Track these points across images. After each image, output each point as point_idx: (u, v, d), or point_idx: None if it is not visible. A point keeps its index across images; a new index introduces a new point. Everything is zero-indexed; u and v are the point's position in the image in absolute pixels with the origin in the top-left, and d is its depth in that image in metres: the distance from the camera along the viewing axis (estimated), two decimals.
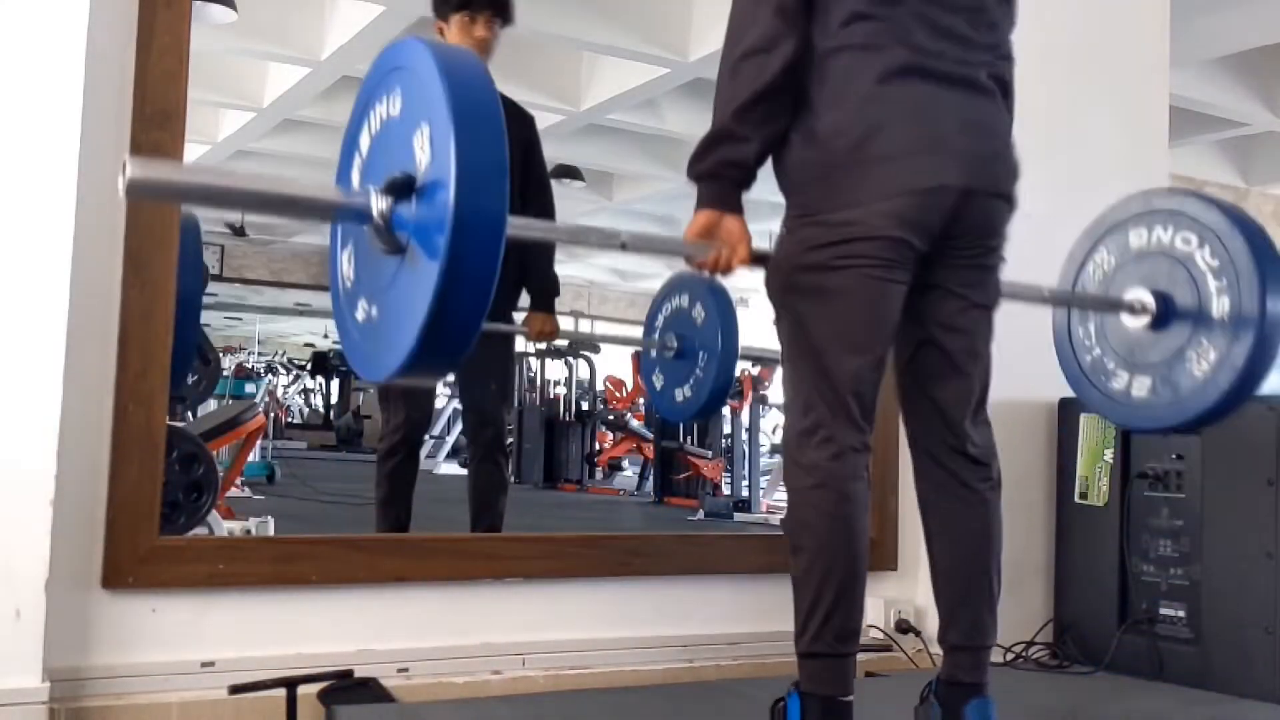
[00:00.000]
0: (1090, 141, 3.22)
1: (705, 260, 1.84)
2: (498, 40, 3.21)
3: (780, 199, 1.90)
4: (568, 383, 10.70)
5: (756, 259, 1.85)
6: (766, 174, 1.86)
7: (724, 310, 3.16)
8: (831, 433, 1.79)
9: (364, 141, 1.55)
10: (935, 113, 1.81)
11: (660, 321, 3.34)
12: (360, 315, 1.50)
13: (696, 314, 3.21)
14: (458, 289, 1.32)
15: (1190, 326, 2.04)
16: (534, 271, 3.32)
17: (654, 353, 3.35)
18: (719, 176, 1.82)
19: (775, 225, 1.94)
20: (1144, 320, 2.11)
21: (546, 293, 3.36)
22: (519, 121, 3.26)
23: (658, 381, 3.33)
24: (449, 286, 1.31)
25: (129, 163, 1.30)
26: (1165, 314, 2.08)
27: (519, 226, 1.39)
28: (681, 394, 3.24)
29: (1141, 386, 2.13)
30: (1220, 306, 2.00)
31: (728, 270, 1.85)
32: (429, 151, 1.36)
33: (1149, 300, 2.09)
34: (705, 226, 1.82)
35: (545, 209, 3.32)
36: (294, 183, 1.53)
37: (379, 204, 1.41)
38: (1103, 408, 2.25)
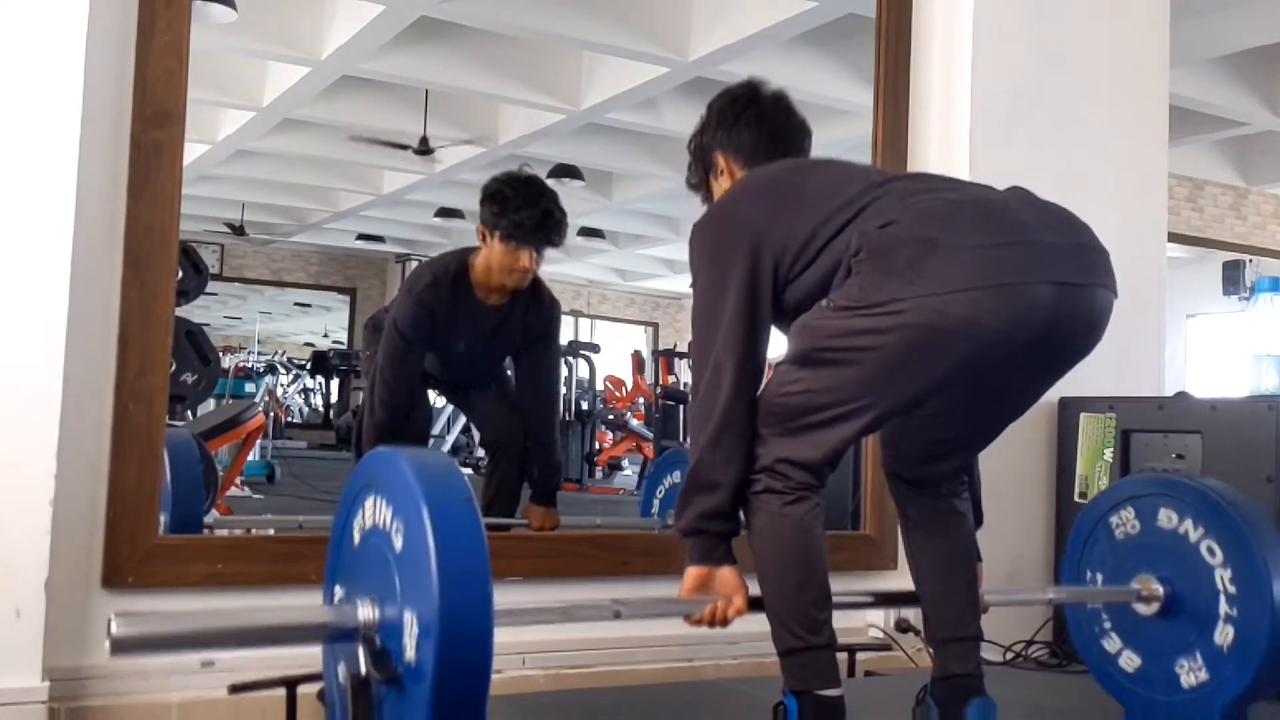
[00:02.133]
0: (1090, 141, 3.22)
1: (703, 616, 1.85)
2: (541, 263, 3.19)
3: None
4: (567, 382, 10.69)
5: (754, 605, 1.84)
6: None
7: None
8: (792, 472, 1.78)
9: (349, 551, 1.53)
10: (1014, 213, 1.73)
11: (657, 500, 3.41)
12: None
13: None
14: (450, 705, 1.30)
15: (1192, 636, 2.03)
16: (538, 461, 3.34)
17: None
18: (702, 532, 1.82)
19: None
20: (1148, 608, 2.09)
21: (549, 487, 3.35)
22: (546, 305, 3.32)
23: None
24: (441, 702, 1.29)
25: (114, 621, 1.29)
26: (1170, 612, 2.05)
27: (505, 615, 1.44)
28: None
29: (1130, 662, 2.13)
30: (1224, 635, 1.98)
31: (726, 622, 1.86)
32: (405, 537, 1.34)
33: (1158, 592, 2.06)
34: (699, 581, 1.83)
35: (551, 390, 3.39)
36: (280, 610, 1.56)
37: (366, 614, 1.40)
38: (1089, 656, 2.23)
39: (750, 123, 2.08)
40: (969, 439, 1.95)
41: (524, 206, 3.06)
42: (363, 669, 1.40)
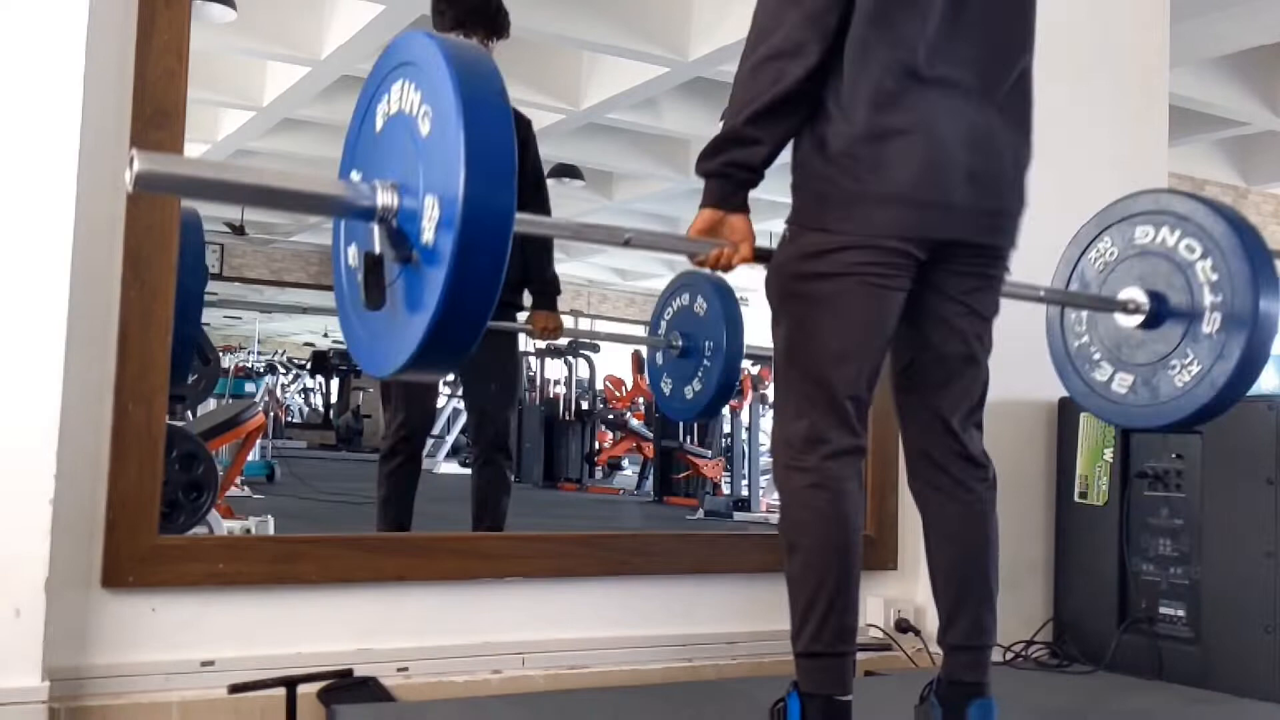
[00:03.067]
0: (1090, 141, 3.22)
1: (708, 257, 1.84)
2: (491, 55, 3.21)
3: (778, 198, 1.91)
4: (567, 382, 10.70)
5: (760, 257, 1.85)
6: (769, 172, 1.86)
7: (728, 305, 3.17)
8: (826, 434, 1.79)
9: (369, 137, 1.54)
10: (942, 131, 1.80)
11: (664, 321, 3.35)
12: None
13: (700, 309, 3.22)
14: (465, 286, 1.32)
15: (1179, 334, 2.05)
16: (535, 271, 3.33)
17: (659, 354, 3.36)
18: (726, 175, 1.82)
19: (774, 225, 1.94)
20: (1135, 320, 2.12)
21: (548, 291, 3.37)
22: (515, 123, 3.27)
23: (665, 381, 3.34)
24: (457, 283, 1.31)
25: (136, 156, 1.30)
26: (1157, 317, 2.09)
27: (525, 223, 1.40)
28: (690, 390, 3.25)
29: (1123, 383, 2.15)
30: (1212, 322, 2.01)
31: (730, 267, 1.86)
32: (434, 123, 1.35)
33: (1143, 300, 2.10)
34: (710, 223, 1.83)
35: (542, 209, 3.33)
36: (300, 177, 1.52)
37: (386, 199, 1.41)
38: (1081, 396, 2.27)
39: None
40: (938, 374, 1.93)
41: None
42: (377, 248, 1.41)
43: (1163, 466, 2.75)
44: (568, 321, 11.81)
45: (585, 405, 10.23)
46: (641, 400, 9.43)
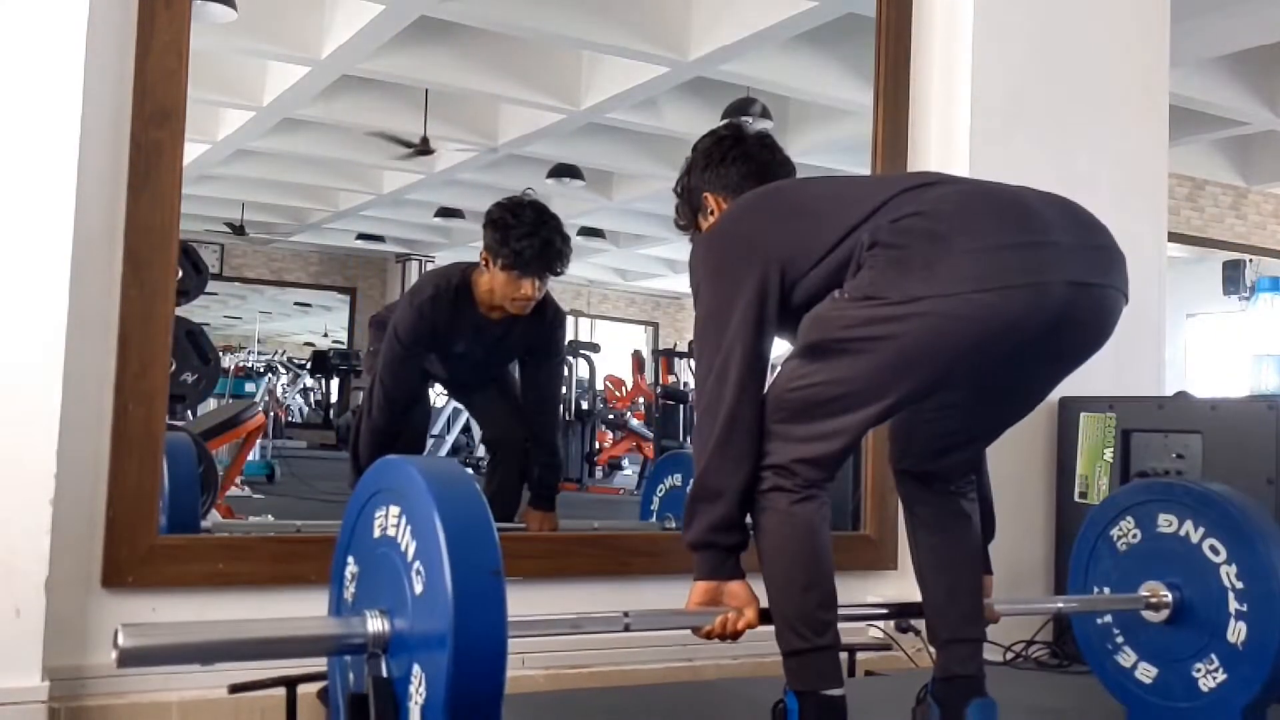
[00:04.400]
0: (1090, 141, 3.22)
1: (714, 627, 1.84)
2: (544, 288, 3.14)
3: None
4: (567, 382, 10.69)
5: (765, 618, 1.84)
6: None
7: None
8: (800, 469, 1.77)
9: (358, 553, 1.52)
10: (1007, 193, 1.77)
11: (657, 499, 3.41)
12: None
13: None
14: (465, 697, 1.29)
15: (1204, 637, 2.02)
16: (539, 463, 3.32)
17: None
18: (711, 546, 1.82)
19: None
20: (1158, 615, 2.08)
21: (549, 489, 3.34)
22: (552, 317, 3.30)
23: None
24: (456, 697, 1.28)
25: (121, 631, 1.28)
26: (1180, 617, 2.05)
27: (521, 627, 1.45)
28: None
29: (1146, 674, 2.12)
30: (1237, 633, 1.98)
31: (737, 635, 1.85)
32: (426, 586, 1.33)
33: (1165, 597, 2.06)
34: (708, 596, 1.84)
35: (553, 397, 3.39)
36: (287, 624, 1.53)
37: (376, 627, 1.39)
38: (1104, 673, 2.22)
39: (736, 160, 2.11)
40: (975, 433, 1.95)
41: (525, 236, 3.01)
42: (365, 687, 1.39)
43: (1163, 466, 2.75)
44: (567, 321, 11.79)
45: (585, 405, 10.22)
46: (642, 400, 9.43)
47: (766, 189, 1.97)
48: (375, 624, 1.39)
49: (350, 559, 1.54)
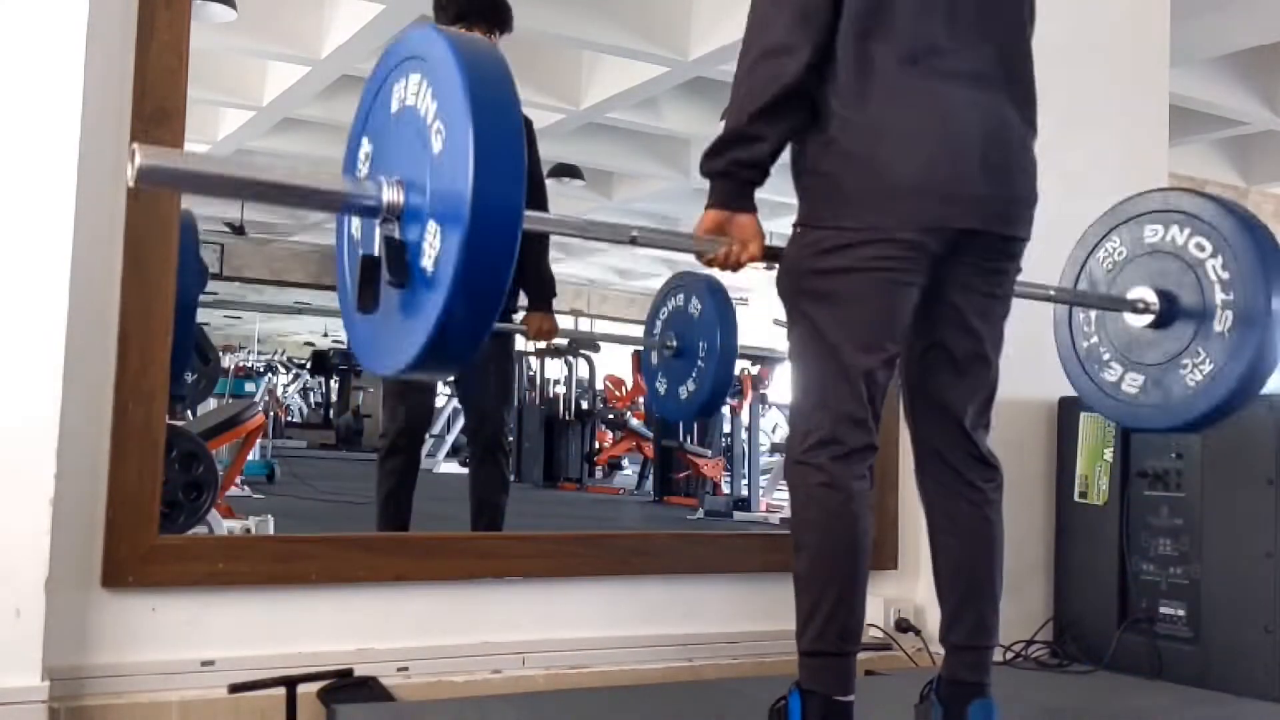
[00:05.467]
0: (1090, 141, 3.22)
1: (716, 256, 1.84)
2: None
3: (782, 199, 1.90)
4: (567, 382, 10.69)
5: (768, 255, 1.85)
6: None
7: (722, 306, 3.17)
8: (839, 434, 1.78)
9: (373, 132, 1.52)
10: (954, 120, 1.80)
11: (659, 323, 3.36)
12: None
13: (694, 311, 3.22)
14: (463, 311, 1.31)
15: (1190, 333, 2.04)
16: (530, 271, 3.33)
17: (654, 355, 3.36)
18: (731, 175, 1.82)
19: (776, 224, 1.94)
20: (1145, 319, 2.10)
21: (543, 292, 3.36)
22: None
23: (660, 382, 3.35)
24: (464, 279, 1.29)
25: (138, 150, 1.30)
26: (1167, 316, 2.07)
27: (530, 220, 1.39)
28: (684, 391, 3.25)
29: (1133, 384, 2.13)
30: (1223, 320, 1.99)
31: (739, 266, 1.85)
32: (446, 144, 1.33)
33: (1153, 300, 2.08)
34: (716, 223, 1.83)
35: (540, 209, 3.31)
36: (302, 173, 1.51)
37: (391, 196, 1.40)
38: (1091, 397, 2.25)
39: None
40: (952, 369, 1.93)
41: None
42: (376, 250, 1.41)
43: (1163, 466, 2.75)
44: (568, 322, 11.77)
45: (585, 405, 10.22)
46: (641, 400, 9.43)
47: None
48: (390, 192, 1.40)
49: (365, 139, 1.52)
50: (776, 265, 1.88)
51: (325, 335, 14.93)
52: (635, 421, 9.41)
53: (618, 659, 2.61)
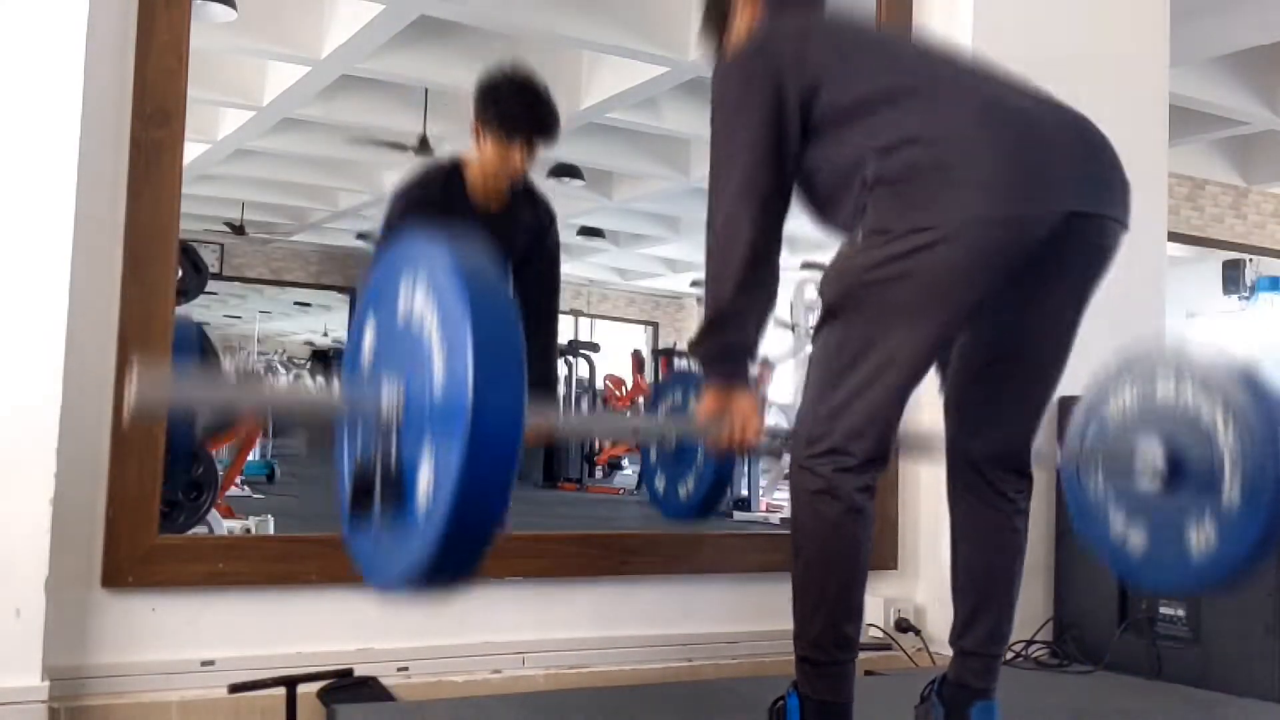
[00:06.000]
0: None
1: (721, 438, 1.84)
2: (537, 160, 2.99)
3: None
4: (567, 381, 10.70)
5: (770, 433, 1.85)
6: None
7: None
8: (852, 448, 1.74)
9: (377, 329, 1.50)
10: (1026, 121, 1.77)
11: (661, 415, 3.34)
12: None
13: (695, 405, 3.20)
14: (468, 509, 1.26)
15: (1196, 501, 1.99)
16: (533, 367, 3.23)
17: (653, 450, 3.33)
18: (723, 358, 1.83)
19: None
20: (1152, 480, 2.07)
21: (543, 392, 3.28)
22: (543, 216, 3.14)
23: (659, 478, 3.32)
24: (459, 504, 1.25)
25: (137, 376, 1.27)
26: (1174, 479, 2.04)
27: (536, 417, 1.41)
28: (683, 490, 3.18)
29: (1136, 539, 2.11)
30: (1230, 494, 1.96)
31: (742, 444, 1.85)
32: (445, 365, 1.31)
33: (1159, 461, 2.04)
34: (717, 405, 1.83)
35: (552, 291, 3.22)
36: (304, 390, 1.51)
37: (389, 406, 1.37)
38: (1094, 543, 2.22)
39: None
40: (1011, 387, 1.91)
41: (513, 94, 2.89)
42: (373, 464, 1.39)
43: None
44: (567, 321, 11.74)
45: (585, 405, 10.22)
46: (642, 400, 9.43)
47: (800, 22, 1.90)
48: (389, 395, 1.38)
49: (369, 327, 1.52)
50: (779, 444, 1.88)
51: (325, 335, 14.93)
52: None
53: (617, 659, 2.61)
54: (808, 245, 2.95)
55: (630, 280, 14.03)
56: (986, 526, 1.92)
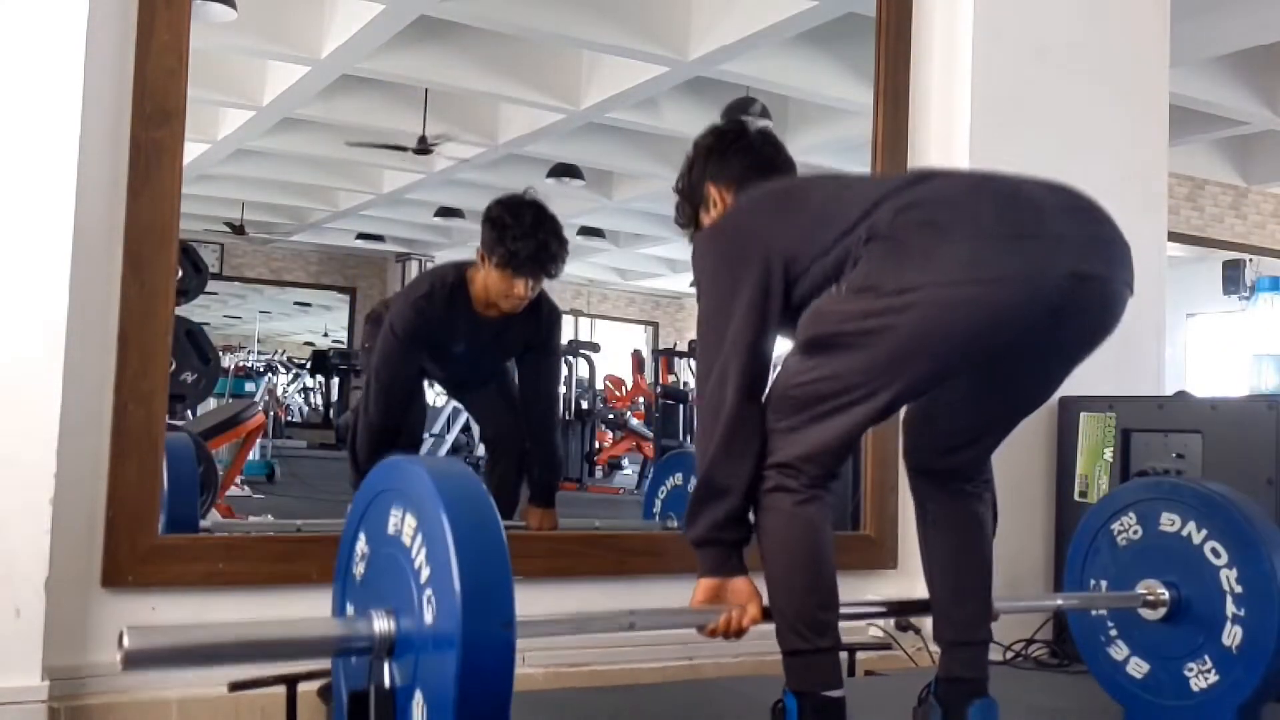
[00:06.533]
0: (1090, 141, 3.22)
1: (717, 625, 1.84)
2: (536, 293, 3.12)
3: None
4: (567, 381, 10.69)
5: (769, 616, 1.84)
6: None
7: None
8: (802, 466, 1.77)
9: (368, 548, 1.52)
10: (1002, 185, 1.76)
11: (659, 500, 3.36)
12: None
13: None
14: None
15: (1199, 639, 2.01)
16: (538, 461, 3.32)
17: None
18: (715, 542, 1.83)
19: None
20: (1154, 613, 2.08)
21: (548, 487, 3.33)
22: (547, 315, 3.28)
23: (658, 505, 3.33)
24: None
25: (126, 634, 1.27)
26: (1176, 615, 2.04)
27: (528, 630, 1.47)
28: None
29: (1138, 669, 2.12)
30: (1232, 637, 1.97)
31: (740, 633, 1.85)
32: (436, 601, 1.34)
33: (1163, 595, 2.04)
34: (711, 593, 1.84)
35: (551, 395, 3.38)
36: (294, 624, 1.54)
37: (381, 632, 1.38)
38: (1097, 667, 2.22)
39: (739, 152, 2.10)
40: (984, 428, 1.93)
41: (521, 237, 2.99)
42: (366, 686, 1.39)
43: (1163, 466, 2.75)
44: (567, 321, 11.74)
45: (585, 405, 10.22)
46: (641, 400, 9.43)
47: (770, 186, 1.97)
48: (381, 625, 1.39)
49: (357, 553, 1.53)
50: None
51: (325, 335, 14.92)
52: (635, 421, 9.41)
53: (618, 658, 2.61)
54: None
55: (630, 280, 14.02)
56: (949, 514, 1.95)
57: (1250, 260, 8.17)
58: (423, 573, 1.35)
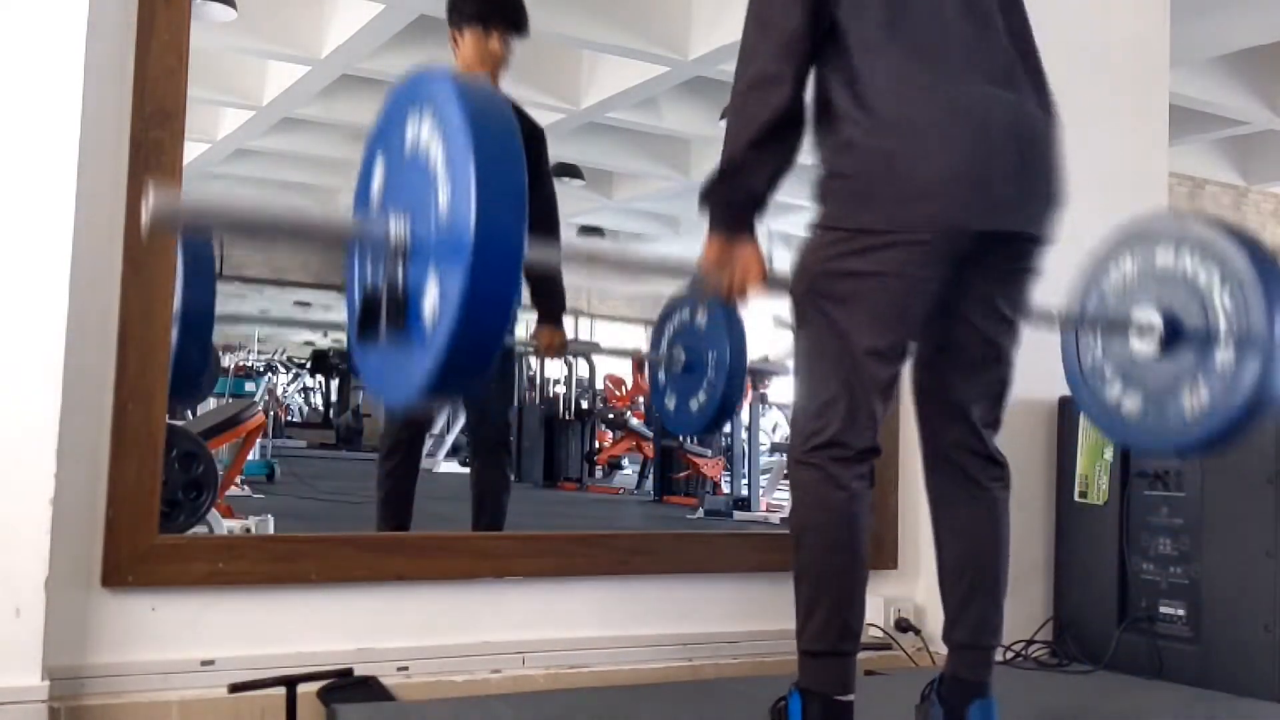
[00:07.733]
0: (1090, 141, 3.21)
1: (720, 286, 1.84)
2: (512, 53, 3.22)
3: (789, 198, 1.90)
4: (567, 381, 10.69)
5: (771, 282, 1.84)
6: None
7: (730, 315, 3.18)
8: (843, 437, 1.78)
9: (386, 164, 1.55)
10: (978, 122, 1.79)
11: (666, 337, 3.36)
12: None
13: (701, 323, 3.22)
14: (478, 311, 1.33)
15: (1192, 361, 2.02)
16: (542, 287, 3.33)
17: (661, 371, 3.36)
18: (729, 203, 1.82)
19: (783, 224, 1.93)
20: (1148, 342, 2.09)
21: (554, 306, 3.36)
22: (529, 135, 3.26)
23: (670, 399, 3.34)
24: (464, 324, 1.32)
25: (152, 193, 1.31)
26: (1170, 341, 2.06)
27: (537, 251, 1.45)
28: (695, 404, 3.24)
29: (1132, 404, 2.12)
30: (1225, 352, 1.98)
31: (742, 294, 1.85)
32: (450, 193, 1.36)
33: (1157, 324, 2.06)
34: (718, 252, 1.83)
35: (550, 224, 3.32)
36: (315, 213, 1.56)
37: (397, 234, 1.42)
38: (1091, 410, 2.24)
39: None
40: (968, 366, 1.93)
41: None
42: (379, 288, 1.44)
43: (1163, 466, 2.75)
44: (568, 321, 11.73)
45: (585, 404, 10.22)
46: (641, 399, 9.43)
47: None
48: (396, 231, 1.43)
49: (378, 161, 1.55)
50: (782, 289, 1.87)
51: (325, 335, 14.93)
52: (635, 421, 9.41)
53: (617, 659, 2.61)
54: None
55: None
56: (967, 517, 1.94)
57: None
58: (441, 188, 1.38)
